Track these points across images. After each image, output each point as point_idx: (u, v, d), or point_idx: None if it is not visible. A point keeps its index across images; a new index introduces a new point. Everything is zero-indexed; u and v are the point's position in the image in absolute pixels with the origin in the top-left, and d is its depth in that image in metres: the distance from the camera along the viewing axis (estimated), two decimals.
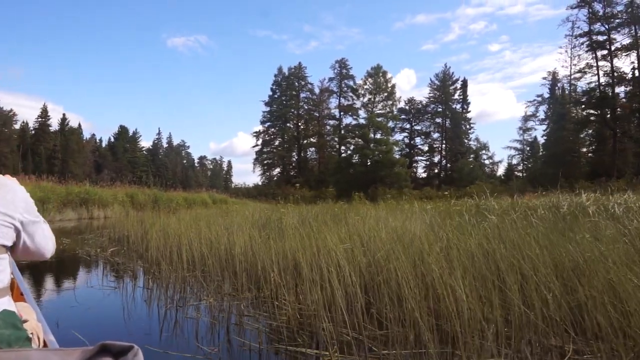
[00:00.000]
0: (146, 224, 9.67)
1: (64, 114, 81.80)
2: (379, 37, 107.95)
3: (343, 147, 70.47)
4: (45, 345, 1.43)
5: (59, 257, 8.75)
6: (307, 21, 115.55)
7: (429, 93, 72.41)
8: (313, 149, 74.13)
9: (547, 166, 53.10)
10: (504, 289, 3.69)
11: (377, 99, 63.66)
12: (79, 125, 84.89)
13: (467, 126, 72.19)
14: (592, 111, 48.83)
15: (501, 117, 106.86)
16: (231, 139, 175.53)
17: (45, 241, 1.50)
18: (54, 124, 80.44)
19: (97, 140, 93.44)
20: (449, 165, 70.79)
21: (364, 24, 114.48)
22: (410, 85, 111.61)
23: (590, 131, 50.46)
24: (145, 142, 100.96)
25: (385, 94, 63.23)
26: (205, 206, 32.31)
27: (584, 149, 53.59)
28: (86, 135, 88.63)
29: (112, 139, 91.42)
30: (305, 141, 73.11)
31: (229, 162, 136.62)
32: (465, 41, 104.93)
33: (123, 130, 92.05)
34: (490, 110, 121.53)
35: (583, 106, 49.46)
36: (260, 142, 73.75)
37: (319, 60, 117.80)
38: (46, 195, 19.68)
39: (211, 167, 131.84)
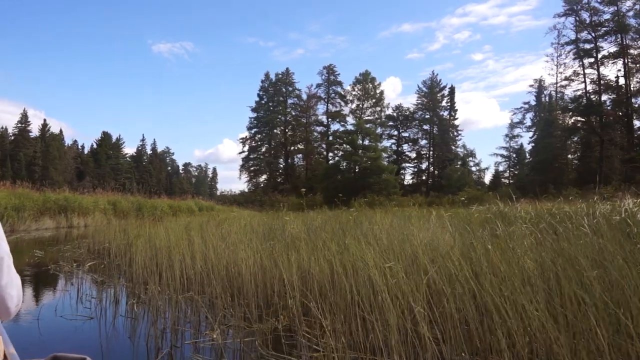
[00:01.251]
0: (130, 234, 8.51)
1: (44, 120, 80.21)
2: (365, 46, 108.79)
3: (331, 154, 69.72)
4: (5, 358, 1.26)
5: (25, 274, 7.59)
6: (293, 29, 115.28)
7: (417, 100, 72.19)
8: (300, 155, 73.16)
9: (535, 173, 53.04)
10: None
11: (365, 105, 63.14)
12: (61, 131, 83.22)
13: (455, 133, 72.06)
14: (579, 118, 48.81)
15: (485, 125, 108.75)
16: (216, 145, 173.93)
17: (10, 287, 1.14)
18: (35, 129, 78.60)
19: (79, 147, 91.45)
20: (436, 172, 70.42)
21: (350, 32, 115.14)
22: (395, 93, 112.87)
23: (576, 138, 50.47)
24: (129, 149, 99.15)
25: (374, 100, 62.73)
26: (191, 214, 31.06)
27: (570, 156, 53.64)
28: (68, 141, 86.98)
29: (95, 146, 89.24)
30: (292, 147, 72.11)
31: (214, 169, 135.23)
32: (450, 50, 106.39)
33: (106, 136, 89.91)
34: (474, 118, 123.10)
35: (570, 113, 49.41)
36: (246, 148, 72.62)
37: (305, 68, 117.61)
38: (22, 203, 18.35)
39: (196, 174, 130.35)
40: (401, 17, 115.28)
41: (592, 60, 46.84)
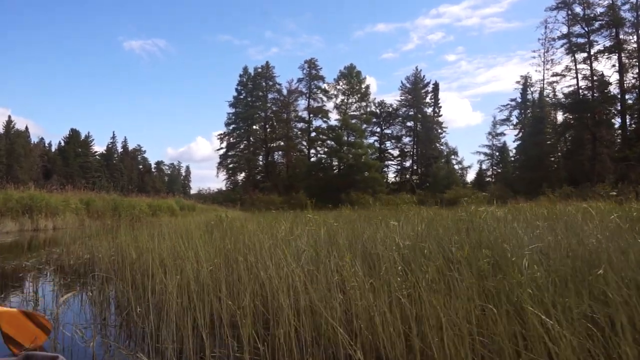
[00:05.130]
0: (128, 246, 5.97)
1: (9, 116, 75.91)
2: (340, 45, 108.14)
3: (313, 151, 67.56)
4: None
5: None
6: (268, 27, 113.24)
7: (400, 96, 70.68)
8: (280, 152, 70.69)
9: (523, 171, 51.95)
10: None
11: (350, 101, 61.13)
12: (26, 128, 79.59)
13: (439, 130, 70.82)
14: (571, 115, 47.84)
15: (458, 124, 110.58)
16: (189, 144, 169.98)
17: None
18: None
19: (46, 145, 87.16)
20: (421, 169, 69.02)
21: (325, 31, 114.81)
22: (371, 93, 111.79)
23: (566, 136, 49.49)
24: (99, 147, 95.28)
25: (359, 95, 60.77)
26: (172, 214, 28.49)
27: (559, 154, 52.76)
28: (34, 139, 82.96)
29: (63, 143, 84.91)
30: (273, 144, 69.59)
31: (187, 167, 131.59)
32: (424, 51, 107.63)
33: (74, 134, 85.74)
34: (448, 118, 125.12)
35: (563, 110, 48.42)
36: (224, 144, 69.75)
37: (281, 66, 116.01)
38: None
39: (169, 172, 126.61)
40: (376, 17, 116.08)
41: (584, 55, 45.89)
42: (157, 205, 28.14)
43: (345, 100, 61.41)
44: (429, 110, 70.48)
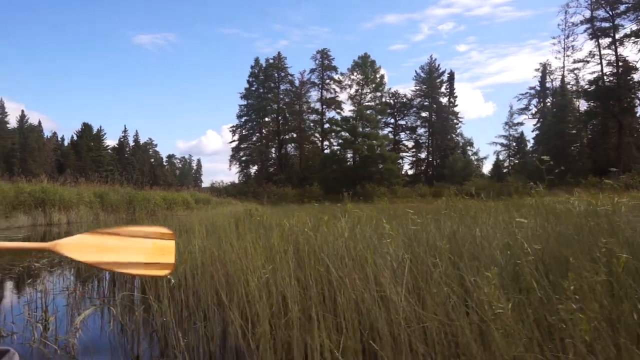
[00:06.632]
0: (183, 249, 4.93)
1: (22, 111, 76.30)
2: (349, 37, 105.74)
3: (326, 143, 66.52)
4: None
5: None
6: (276, 20, 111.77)
7: (415, 86, 69.19)
8: (293, 144, 69.66)
9: (545, 161, 50.22)
10: None
11: (364, 91, 59.80)
12: (39, 122, 79.72)
13: (455, 120, 69.26)
14: (595, 103, 46.12)
15: (470, 116, 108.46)
16: (200, 137, 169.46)
17: None
18: (12, 121, 74.65)
19: (59, 139, 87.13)
20: (437, 161, 67.58)
21: (333, 23, 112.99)
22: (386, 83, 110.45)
23: (594, 123, 47.72)
24: (111, 141, 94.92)
25: (374, 85, 59.42)
26: (187, 207, 27.71)
27: (584, 142, 51.03)
28: (47, 133, 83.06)
29: (75, 137, 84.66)
30: (285, 136, 68.57)
31: (199, 161, 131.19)
32: (434, 41, 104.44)
33: (87, 128, 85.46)
34: (459, 109, 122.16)
35: (587, 97, 46.68)
36: (237, 137, 68.85)
37: (290, 59, 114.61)
38: None
39: (180, 165, 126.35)
40: (385, 8, 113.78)
41: (609, 40, 44.14)
42: (172, 199, 27.34)
43: (360, 90, 60.11)
44: (444, 100, 69.00)
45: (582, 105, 49.33)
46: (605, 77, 44.81)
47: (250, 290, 2.96)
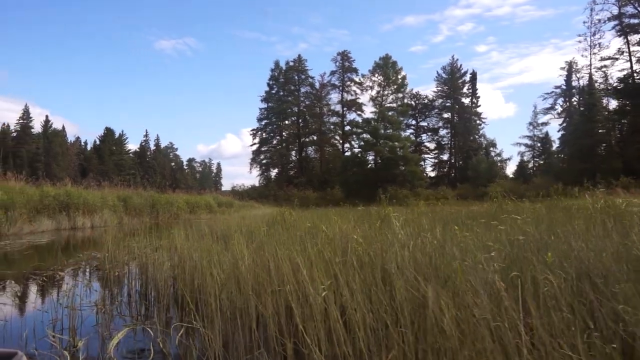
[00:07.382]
0: (185, 254, 4.32)
1: (46, 116, 77.72)
2: (367, 39, 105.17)
3: (347, 145, 65.93)
4: None
5: None
6: (295, 23, 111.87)
7: (437, 87, 68.20)
8: (314, 147, 69.22)
9: (573, 161, 48.73)
10: None
11: (386, 92, 59.06)
12: (63, 127, 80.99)
13: (477, 121, 67.97)
14: (625, 101, 44.63)
15: (490, 117, 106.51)
16: (219, 141, 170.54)
17: None
18: (37, 126, 76.03)
19: (82, 143, 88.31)
20: (460, 163, 66.36)
21: (352, 25, 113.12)
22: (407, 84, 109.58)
23: (624, 122, 46.14)
24: (132, 145, 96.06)
25: (395, 87, 58.67)
26: (210, 210, 27.44)
27: (613, 142, 49.39)
28: (70, 138, 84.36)
29: (98, 142, 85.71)
30: (306, 139, 68.16)
31: (218, 164, 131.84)
32: (454, 42, 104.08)
33: (109, 132, 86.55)
34: (479, 110, 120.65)
35: (617, 95, 45.20)
36: (257, 140, 68.71)
37: (309, 62, 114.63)
38: (11, 199, 14.61)
39: (200, 169, 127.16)
40: (404, 10, 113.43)
41: (638, 37, 42.78)
42: (195, 202, 27.09)
43: (381, 91, 59.41)
44: (466, 100, 67.83)
45: (611, 103, 47.82)
46: (635, 75, 43.36)
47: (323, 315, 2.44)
